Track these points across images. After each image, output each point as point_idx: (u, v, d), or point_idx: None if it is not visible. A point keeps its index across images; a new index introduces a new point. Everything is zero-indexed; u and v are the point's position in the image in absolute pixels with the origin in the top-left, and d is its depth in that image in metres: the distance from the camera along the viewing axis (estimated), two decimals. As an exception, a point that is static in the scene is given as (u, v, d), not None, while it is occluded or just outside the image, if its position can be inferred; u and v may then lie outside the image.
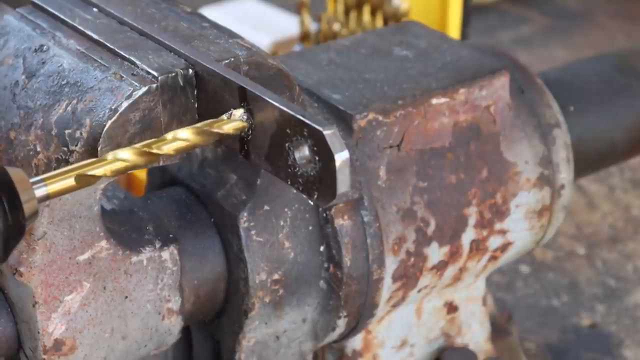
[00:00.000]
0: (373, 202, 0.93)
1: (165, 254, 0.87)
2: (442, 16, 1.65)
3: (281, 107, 0.72)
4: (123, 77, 0.78)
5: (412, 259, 0.96)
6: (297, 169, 0.72)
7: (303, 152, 0.71)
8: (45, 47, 0.83)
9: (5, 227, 0.67)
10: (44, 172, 0.78)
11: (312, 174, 0.71)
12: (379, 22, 1.69)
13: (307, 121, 0.70)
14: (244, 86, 0.74)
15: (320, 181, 0.71)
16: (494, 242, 1.02)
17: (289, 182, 0.73)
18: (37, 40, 0.84)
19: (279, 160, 0.74)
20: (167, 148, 0.73)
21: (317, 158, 0.70)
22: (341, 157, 0.69)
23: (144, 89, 0.76)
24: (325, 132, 0.69)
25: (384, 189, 0.94)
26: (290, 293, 0.92)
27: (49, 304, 0.81)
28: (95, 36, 0.82)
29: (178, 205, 0.93)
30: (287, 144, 0.72)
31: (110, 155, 0.72)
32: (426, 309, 1.05)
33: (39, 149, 0.78)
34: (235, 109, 0.75)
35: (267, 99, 0.73)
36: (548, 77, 1.13)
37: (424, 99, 0.96)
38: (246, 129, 0.75)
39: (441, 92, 0.97)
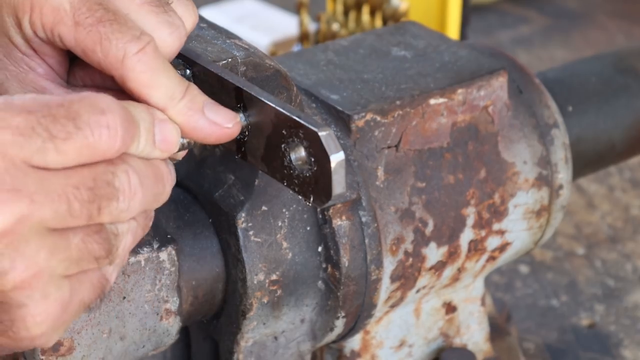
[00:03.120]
0: (371, 202, 0.93)
1: (163, 255, 0.87)
2: (441, 16, 1.66)
3: (277, 107, 0.72)
4: (120, 77, 0.78)
5: (411, 260, 0.96)
6: (293, 170, 0.72)
7: (299, 153, 0.71)
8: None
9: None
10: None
11: (307, 175, 0.71)
12: (378, 22, 1.69)
13: (302, 122, 0.70)
14: (240, 86, 0.74)
15: (316, 182, 0.70)
16: (492, 242, 1.02)
17: (285, 183, 0.73)
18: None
19: (275, 161, 0.73)
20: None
21: (312, 159, 0.70)
22: (337, 158, 0.69)
23: None
24: (321, 134, 0.69)
25: (382, 190, 0.94)
26: (288, 293, 0.92)
27: (47, 305, 0.81)
28: (92, 37, 0.82)
29: (176, 205, 0.93)
30: (282, 145, 0.72)
31: None
32: (425, 309, 1.05)
33: (36, 150, 0.78)
34: (231, 109, 0.75)
35: (262, 99, 0.73)
36: (546, 77, 1.13)
37: (422, 99, 0.96)
38: (242, 130, 0.75)
39: (439, 92, 0.97)
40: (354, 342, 1.02)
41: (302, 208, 0.91)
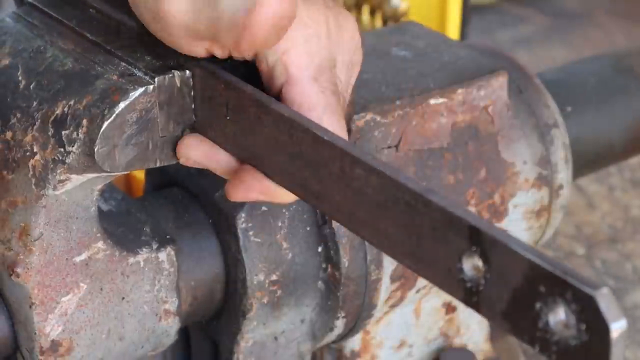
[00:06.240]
0: (371, 202, 0.93)
1: (163, 255, 0.87)
2: (441, 16, 1.65)
3: (533, 259, 0.57)
4: (120, 78, 0.78)
5: (410, 260, 0.96)
6: (550, 335, 0.57)
7: (560, 316, 0.57)
8: (42, 48, 0.83)
9: None
10: (40, 174, 0.78)
11: (572, 344, 0.57)
12: (378, 22, 1.69)
13: (572, 282, 0.56)
14: (478, 227, 0.60)
15: (586, 354, 0.56)
16: (492, 242, 1.02)
17: (539, 349, 0.59)
18: (34, 41, 0.83)
19: (524, 320, 0.59)
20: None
21: (581, 326, 0.56)
22: (618, 327, 0.55)
23: (141, 89, 0.76)
24: (598, 297, 0.55)
25: (381, 190, 0.94)
26: (288, 294, 0.92)
27: (46, 305, 0.81)
28: (92, 37, 0.82)
29: (175, 206, 0.93)
30: (537, 304, 0.58)
31: None
32: (425, 309, 1.05)
33: (35, 150, 0.78)
34: (463, 251, 0.61)
35: (512, 247, 0.58)
36: (545, 78, 1.12)
37: (422, 99, 0.96)
38: (478, 278, 0.61)
39: (439, 92, 0.97)
40: (354, 342, 1.02)
41: (301, 208, 0.91)
